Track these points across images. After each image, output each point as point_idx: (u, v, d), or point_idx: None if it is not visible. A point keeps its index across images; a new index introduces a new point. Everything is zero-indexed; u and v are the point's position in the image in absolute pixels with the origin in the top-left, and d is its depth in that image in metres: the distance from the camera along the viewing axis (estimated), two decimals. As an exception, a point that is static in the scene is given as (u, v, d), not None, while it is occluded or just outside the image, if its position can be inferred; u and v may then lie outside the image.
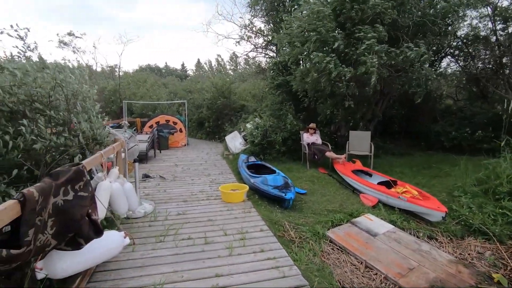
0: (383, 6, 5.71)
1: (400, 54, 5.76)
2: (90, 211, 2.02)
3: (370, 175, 5.68)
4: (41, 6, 36.53)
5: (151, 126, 10.29)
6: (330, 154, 6.35)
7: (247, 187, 4.63)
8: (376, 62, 5.37)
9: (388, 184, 4.73)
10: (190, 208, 4.18)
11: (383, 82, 6.29)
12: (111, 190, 2.89)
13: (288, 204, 4.23)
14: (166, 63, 43.01)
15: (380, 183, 4.77)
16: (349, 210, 4.24)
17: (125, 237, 2.58)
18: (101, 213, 2.65)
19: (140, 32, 63.98)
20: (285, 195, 4.17)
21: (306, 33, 6.85)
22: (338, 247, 3.37)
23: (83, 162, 2.26)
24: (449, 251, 3.49)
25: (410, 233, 3.75)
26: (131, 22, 57.04)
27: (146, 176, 6.01)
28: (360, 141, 7.07)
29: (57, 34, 12.44)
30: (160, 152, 9.26)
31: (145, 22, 59.35)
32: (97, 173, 3.16)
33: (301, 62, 9.39)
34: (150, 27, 62.19)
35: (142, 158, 7.55)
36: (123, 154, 3.94)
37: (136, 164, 4.16)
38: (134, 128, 10.30)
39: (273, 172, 5.34)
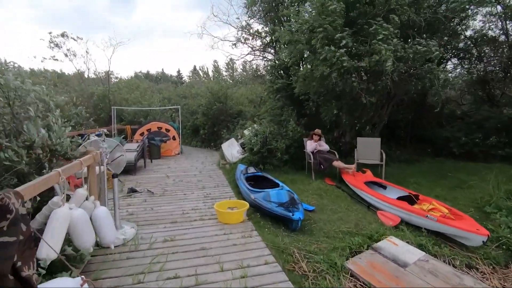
0: (398, 2, 5.22)
1: (411, 48, 5.29)
2: (19, 264, 1.36)
3: (385, 187, 5.07)
4: (41, 13, 35.88)
5: (142, 134, 9.63)
6: (338, 163, 5.73)
7: (247, 205, 3.98)
8: (392, 49, 4.87)
9: (409, 199, 4.11)
10: (180, 232, 3.51)
11: (394, 83, 5.74)
12: (71, 218, 2.23)
13: (296, 226, 3.58)
14: (162, 69, 42.46)
15: (400, 198, 4.15)
16: (367, 231, 3.60)
17: (82, 285, 1.91)
18: (50, 252, 1.99)
19: (136, 39, 63.59)
20: (293, 215, 3.53)
21: (308, 32, 6.35)
22: (362, 283, 2.72)
23: (21, 187, 1.61)
24: (495, 284, 2.86)
25: (444, 261, 3.12)
26: (128, 29, 56.70)
27: (132, 191, 5.32)
28: (369, 148, 6.47)
29: (50, 33, 11.76)
30: (151, 162, 8.58)
31: (142, 30, 59.17)
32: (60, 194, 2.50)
33: (301, 63, 8.88)
34: (146, 34, 62.04)
35: (130, 169, 6.88)
36: (98, 169, 3.28)
37: (115, 180, 3.49)
38: (123, 136, 9.61)
39: (276, 185, 4.70)
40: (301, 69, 7.64)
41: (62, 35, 10.58)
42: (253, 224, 3.75)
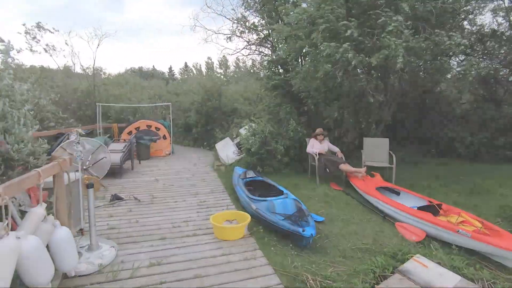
0: None
1: (426, 40, 4.81)
2: None
3: (398, 193, 4.59)
4: (33, 9, 34.03)
5: (130, 133, 8.96)
6: (345, 167, 5.23)
7: (248, 218, 3.42)
8: (403, 44, 4.39)
9: (432, 209, 3.63)
10: (169, 253, 2.94)
11: (405, 80, 5.29)
12: (21, 252, 1.64)
13: (308, 243, 3.05)
14: (153, 66, 41.38)
15: (421, 208, 3.66)
16: (389, 248, 3.10)
17: None
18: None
19: (129, 35, 61.84)
20: (304, 230, 2.99)
21: (307, 25, 5.84)
22: (395, 321, 2.21)
23: None
24: (548, 316, 2.39)
25: (483, 287, 2.64)
26: (120, 25, 55.10)
27: (116, 198, 4.71)
28: (376, 150, 6.00)
29: (23, 24, 10.83)
30: (140, 163, 7.94)
31: (135, 26, 57.74)
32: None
33: (300, 59, 8.36)
34: (139, 31, 60.72)
35: (116, 172, 6.24)
36: (67, 178, 2.67)
37: (91, 190, 2.89)
38: (108, 135, 8.93)
39: (280, 193, 4.15)
40: (301, 65, 7.13)
41: (38, 26, 9.70)
42: (255, 241, 3.21)
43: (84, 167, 5.41)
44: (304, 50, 7.33)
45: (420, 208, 3.68)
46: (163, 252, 2.95)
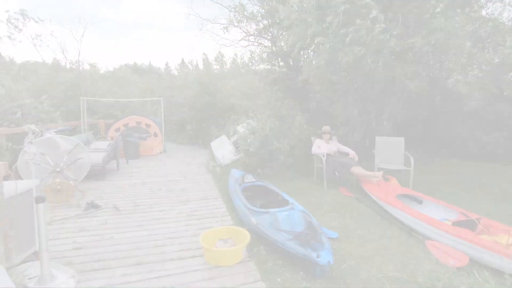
0: None
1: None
2: None
3: (420, 202, 3.96)
4: (29, 5, 32.64)
5: (118, 130, 8.25)
6: (357, 170, 4.59)
7: (248, 237, 2.75)
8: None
9: (469, 224, 3.00)
10: (146, 285, 2.27)
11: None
12: None
13: (323, 272, 2.40)
14: (150, 62, 40.39)
15: (457, 224, 3.03)
16: (424, 277, 2.46)
17: None
18: None
19: (125, 31, 60.35)
20: (318, 256, 2.34)
21: (316, 9, 5.19)
22: None
23: None
24: None
25: (555, 334, 2.02)
26: (116, 21, 53.80)
27: (92, 207, 4.01)
28: (390, 150, 5.38)
29: (7, 11, 9.96)
30: (127, 163, 7.23)
31: (131, 22, 56.53)
32: None
33: (302, 52, 7.69)
34: (136, 27, 59.61)
35: (97, 173, 5.54)
36: (6, 191, 1.99)
37: (41, 206, 2.20)
38: (93, 132, 8.21)
39: (285, 202, 3.49)
40: (310, 55, 6.47)
41: (22, 13, 8.91)
42: (256, 267, 2.55)
43: (58, 169, 4.73)
44: (308, 40, 6.67)
45: (456, 224, 3.04)
46: (139, 285, 2.28)
